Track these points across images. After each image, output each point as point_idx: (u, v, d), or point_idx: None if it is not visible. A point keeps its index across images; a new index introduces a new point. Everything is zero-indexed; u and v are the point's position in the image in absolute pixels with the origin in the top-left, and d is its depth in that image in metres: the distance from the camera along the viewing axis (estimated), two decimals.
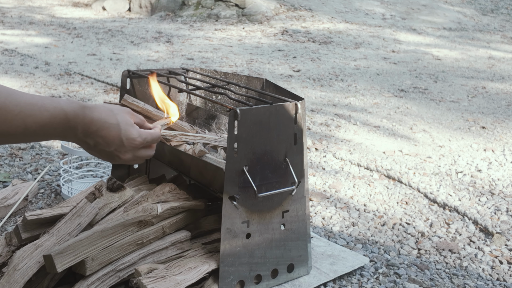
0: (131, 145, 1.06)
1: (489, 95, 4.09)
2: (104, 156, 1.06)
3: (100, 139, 1.01)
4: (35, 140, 0.96)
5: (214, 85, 1.61)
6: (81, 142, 1.01)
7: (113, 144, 1.03)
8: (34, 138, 0.94)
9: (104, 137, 1.01)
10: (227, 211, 1.27)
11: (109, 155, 1.06)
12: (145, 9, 8.19)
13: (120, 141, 1.04)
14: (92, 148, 1.03)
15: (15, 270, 1.19)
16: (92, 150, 1.05)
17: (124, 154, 1.06)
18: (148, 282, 1.21)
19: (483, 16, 8.33)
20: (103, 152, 1.05)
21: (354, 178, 2.33)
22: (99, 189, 1.48)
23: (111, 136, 1.02)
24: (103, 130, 1.01)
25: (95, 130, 1.00)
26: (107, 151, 1.04)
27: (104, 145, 1.02)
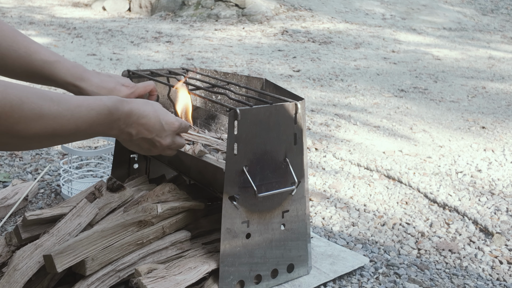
0: (171, 128, 1.15)
1: (489, 95, 4.09)
2: (145, 144, 1.12)
3: (141, 127, 1.08)
4: (83, 139, 1.02)
5: (214, 85, 1.61)
6: (124, 133, 1.07)
7: (154, 129, 1.10)
8: (83, 137, 1.00)
9: (144, 125, 1.08)
10: (227, 211, 1.27)
11: (149, 143, 1.12)
12: (145, 9, 8.19)
13: (160, 126, 1.11)
14: (135, 137, 1.09)
15: (15, 270, 1.19)
16: (133, 142, 1.10)
17: (164, 139, 1.14)
18: (148, 282, 1.21)
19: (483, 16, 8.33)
20: (144, 141, 1.11)
21: (354, 178, 2.33)
22: (99, 189, 1.48)
23: (151, 122, 1.09)
24: (143, 118, 1.08)
25: (135, 119, 1.06)
26: (148, 138, 1.10)
27: (145, 132, 1.09)
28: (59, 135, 0.92)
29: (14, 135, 0.84)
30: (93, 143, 2.60)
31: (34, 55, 1.24)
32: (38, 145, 0.93)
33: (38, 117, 0.86)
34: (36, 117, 0.86)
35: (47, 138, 0.91)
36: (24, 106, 0.83)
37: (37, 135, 0.87)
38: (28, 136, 0.86)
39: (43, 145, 0.94)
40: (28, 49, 1.23)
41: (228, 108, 1.25)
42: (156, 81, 1.62)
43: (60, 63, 1.28)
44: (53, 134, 0.90)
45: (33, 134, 0.86)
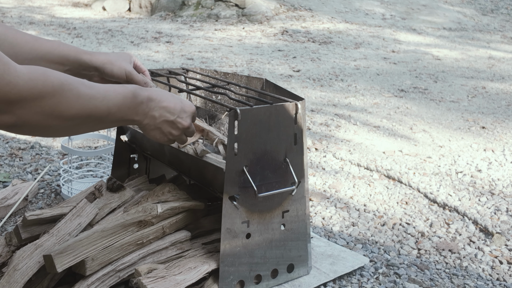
0: (190, 110, 1.21)
1: (489, 95, 4.09)
2: (166, 127, 1.17)
3: (163, 110, 1.15)
4: (113, 125, 1.09)
5: (214, 85, 1.61)
6: (148, 117, 1.12)
7: (175, 110, 1.17)
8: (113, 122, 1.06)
9: (166, 107, 1.15)
10: (227, 211, 1.27)
11: (171, 125, 1.18)
12: (145, 9, 8.19)
13: (180, 107, 1.18)
14: (158, 120, 1.14)
15: (15, 270, 1.19)
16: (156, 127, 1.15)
17: (185, 120, 1.20)
18: (148, 282, 1.21)
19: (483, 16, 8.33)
20: (166, 124, 1.16)
21: (354, 178, 2.33)
22: (99, 189, 1.48)
23: (172, 104, 1.16)
24: (163, 101, 1.15)
25: (157, 102, 1.13)
26: (170, 120, 1.17)
27: (167, 115, 1.16)
28: (94, 117, 0.98)
29: (57, 116, 0.91)
30: (93, 143, 2.60)
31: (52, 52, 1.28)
32: (76, 129, 0.99)
33: (76, 97, 0.93)
34: (74, 97, 0.93)
35: (84, 121, 0.97)
36: (64, 87, 0.91)
37: (76, 116, 0.94)
38: (68, 117, 0.93)
39: (81, 129, 1.01)
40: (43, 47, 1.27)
41: (228, 108, 1.25)
42: (156, 81, 1.62)
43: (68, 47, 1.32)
44: (89, 116, 0.97)
45: (72, 115, 0.93)
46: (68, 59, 1.27)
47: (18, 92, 0.84)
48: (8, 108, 0.85)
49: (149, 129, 1.16)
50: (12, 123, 0.87)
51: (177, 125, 1.19)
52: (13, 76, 0.83)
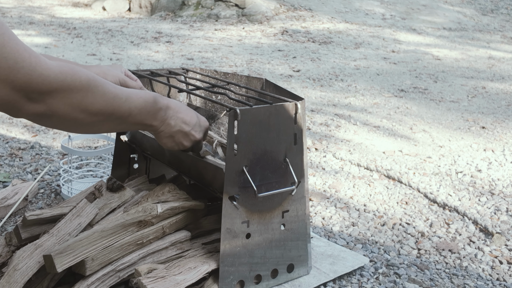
0: (204, 125, 1.28)
1: (489, 95, 4.09)
2: (179, 138, 1.23)
3: (179, 120, 1.21)
4: (134, 127, 1.13)
5: (214, 85, 1.61)
6: (165, 124, 1.18)
7: (191, 123, 1.23)
8: (133, 124, 1.11)
9: (182, 118, 1.21)
10: (227, 211, 1.27)
11: (184, 136, 1.24)
12: (145, 9, 8.19)
13: (196, 121, 1.25)
14: (173, 129, 1.20)
15: (15, 270, 1.19)
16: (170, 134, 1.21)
17: (198, 134, 1.26)
18: (148, 282, 1.21)
19: (483, 16, 8.33)
20: (180, 134, 1.22)
21: (354, 178, 2.33)
22: (99, 189, 1.48)
23: (189, 116, 1.23)
24: (180, 112, 1.21)
25: (174, 112, 1.19)
26: (185, 131, 1.23)
27: (183, 125, 1.22)
28: (116, 116, 1.03)
29: (83, 109, 0.96)
30: (93, 143, 2.60)
31: None
32: (100, 125, 1.03)
33: (102, 94, 0.99)
34: (100, 94, 0.98)
35: (108, 118, 1.02)
36: (90, 83, 0.97)
37: (100, 112, 0.99)
38: (93, 112, 0.98)
39: (104, 126, 1.05)
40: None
41: (228, 108, 1.25)
42: (156, 81, 1.62)
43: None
44: (112, 113, 1.02)
45: (97, 110, 0.99)
46: None
47: (49, 83, 0.90)
48: (40, 97, 0.90)
49: (163, 136, 1.21)
50: (42, 112, 0.92)
51: (190, 137, 1.25)
52: (44, 69, 0.89)
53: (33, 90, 0.89)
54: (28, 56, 0.87)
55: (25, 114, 0.92)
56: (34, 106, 0.91)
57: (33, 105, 0.91)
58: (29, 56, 0.87)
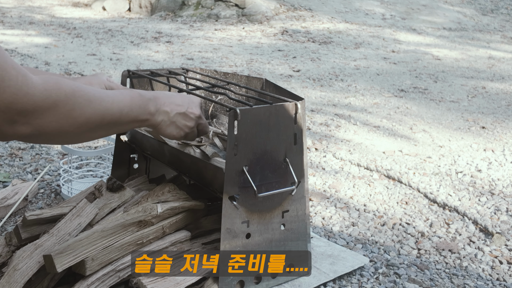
0: (197, 100, 1.27)
1: (489, 95, 4.09)
2: (181, 120, 1.22)
3: (173, 104, 1.19)
4: (130, 126, 1.11)
5: (214, 85, 1.61)
6: (161, 113, 1.17)
7: (184, 102, 1.22)
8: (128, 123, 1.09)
9: (175, 102, 1.20)
10: (227, 211, 1.27)
11: (185, 117, 1.22)
12: (145, 9, 8.19)
13: (188, 98, 1.24)
14: (171, 114, 1.19)
15: (15, 270, 1.19)
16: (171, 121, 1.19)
17: (196, 109, 1.25)
18: (148, 282, 1.21)
19: (483, 16, 8.33)
20: (180, 116, 1.21)
21: (354, 178, 2.33)
22: (99, 189, 1.48)
23: (179, 98, 1.22)
24: (170, 97, 1.20)
25: (164, 100, 1.18)
26: (182, 112, 1.21)
27: (178, 108, 1.20)
28: (107, 120, 1.01)
29: (72, 122, 0.94)
30: (93, 143, 2.60)
31: None
32: (92, 133, 1.02)
33: (88, 102, 0.96)
34: (86, 102, 0.96)
35: (99, 125, 1.00)
36: (75, 93, 0.94)
37: (89, 120, 0.97)
38: (82, 122, 0.96)
39: (96, 133, 1.03)
40: None
41: (228, 108, 1.25)
42: (156, 81, 1.62)
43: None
44: (102, 119, 1.00)
45: (86, 119, 0.96)
46: None
47: (34, 103, 0.87)
48: (24, 119, 0.87)
49: (165, 125, 1.19)
50: (29, 133, 0.89)
51: (190, 115, 1.23)
52: (30, 87, 0.86)
53: (18, 111, 0.85)
54: (15, 74, 0.83)
55: (10, 137, 0.88)
56: (19, 128, 0.87)
57: (19, 127, 0.87)
58: (16, 75, 0.83)
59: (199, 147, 1.41)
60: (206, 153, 1.36)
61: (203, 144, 1.43)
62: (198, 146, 1.42)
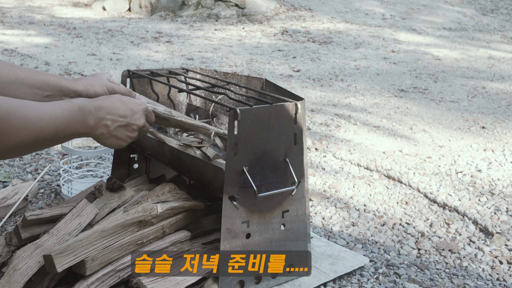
0: (140, 108, 1.21)
1: (489, 95, 4.09)
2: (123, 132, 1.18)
3: (115, 116, 1.15)
4: (63, 141, 1.07)
5: (214, 85, 1.61)
6: (100, 126, 1.13)
7: (126, 114, 1.17)
8: (63, 138, 1.05)
9: (116, 114, 1.15)
10: (227, 211, 1.27)
11: (127, 129, 1.18)
12: (145, 9, 8.19)
13: (131, 110, 1.19)
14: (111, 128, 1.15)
15: (15, 270, 1.19)
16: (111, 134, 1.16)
17: (139, 120, 1.21)
18: (148, 282, 1.21)
19: (483, 16, 8.33)
20: (122, 129, 1.17)
21: (354, 178, 2.33)
22: (99, 189, 1.48)
23: (122, 109, 1.17)
24: (112, 108, 1.15)
25: (106, 111, 1.13)
26: (124, 124, 1.17)
27: (120, 120, 1.16)
28: (41, 139, 0.97)
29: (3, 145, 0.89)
30: (93, 143, 2.60)
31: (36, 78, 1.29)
32: (22, 152, 0.97)
33: (23, 125, 0.91)
34: (21, 125, 0.91)
35: (31, 144, 0.95)
36: (10, 116, 0.89)
37: (23, 142, 0.92)
38: (15, 144, 0.91)
39: (27, 151, 0.98)
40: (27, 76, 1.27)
41: (228, 108, 1.25)
42: (156, 81, 1.62)
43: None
44: (36, 139, 0.95)
45: (18, 142, 0.91)
46: (48, 84, 1.26)
47: None
48: None
49: (104, 138, 1.15)
50: None
51: (132, 127, 1.20)
52: None
53: None
54: None
55: None
56: None
57: None
58: None
59: (200, 149, 1.41)
60: (208, 154, 1.36)
61: (204, 145, 1.43)
62: (199, 148, 1.42)
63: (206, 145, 1.42)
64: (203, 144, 1.43)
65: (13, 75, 1.22)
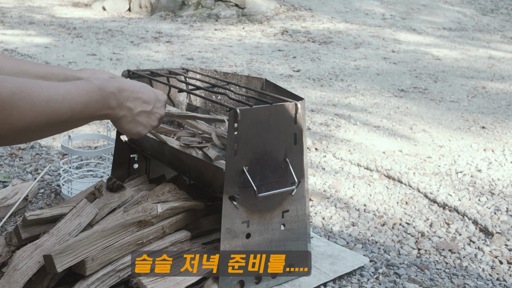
0: (163, 98, 1.17)
1: (489, 95, 4.09)
2: (144, 118, 1.12)
3: (138, 101, 1.09)
4: (83, 123, 1.00)
5: (214, 85, 1.61)
6: (124, 108, 1.06)
7: (151, 101, 1.12)
8: (82, 120, 0.98)
9: (141, 98, 1.10)
10: (227, 211, 1.27)
11: (148, 116, 1.12)
12: (145, 9, 8.19)
13: (155, 97, 1.14)
14: (135, 111, 1.09)
15: (15, 270, 1.19)
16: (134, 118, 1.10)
17: (161, 109, 1.16)
18: (148, 282, 1.21)
19: (483, 16, 8.33)
20: (144, 115, 1.11)
21: (354, 178, 2.33)
22: (99, 189, 1.48)
23: (146, 94, 1.11)
24: (137, 92, 1.09)
25: (129, 93, 1.07)
26: (147, 111, 1.11)
27: (144, 105, 1.10)
28: (55, 121, 0.91)
29: (10, 127, 0.84)
30: (93, 143, 2.60)
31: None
32: (36, 135, 0.92)
33: (30, 105, 0.85)
34: (28, 105, 0.85)
35: (44, 126, 0.89)
36: (14, 96, 0.83)
37: (32, 124, 0.86)
38: (24, 126, 0.85)
39: (42, 135, 0.93)
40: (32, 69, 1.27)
41: (228, 108, 1.25)
42: (156, 81, 1.62)
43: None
44: (49, 121, 0.89)
45: (28, 123, 0.86)
46: (52, 73, 1.27)
47: None
48: None
49: (125, 121, 1.09)
50: None
51: (155, 115, 1.15)
52: None
53: None
54: None
55: None
56: None
57: None
58: None
59: (201, 149, 1.41)
60: (209, 155, 1.36)
61: (205, 145, 1.43)
62: (200, 148, 1.42)
63: (207, 146, 1.42)
64: (203, 145, 1.43)
65: (17, 67, 1.22)
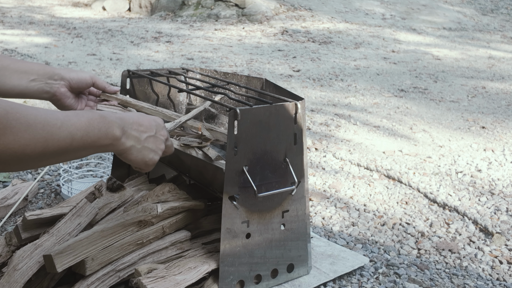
0: (161, 121, 1.13)
1: (489, 95, 4.09)
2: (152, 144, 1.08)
3: (143, 127, 1.05)
4: (88, 153, 0.95)
5: (214, 85, 1.61)
6: (131, 137, 1.02)
7: (152, 126, 1.08)
8: (85, 149, 0.93)
9: (144, 125, 1.06)
10: (227, 211, 1.27)
11: (156, 140, 1.09)
12: (145, 9, 8.19)
13: (156, 123, 1.10)
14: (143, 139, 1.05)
15: (15, 270, 1.19)
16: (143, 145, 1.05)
17: (163, 131, 1.12)
18: (148, 282, 1.21)
19: (483, 16, 8.33)
20: (150, 140, 1.07)
21: (354, 178, 2.33)
22: (99, 189, 1.48)
23: (146, 121, 1.07)
24: (138, 120, 1.05)
25: (131, 122, 1.03)
26: (152, 135, 1.08)
27: (148, 131, 1.06)
28: (54, 147, 0.86)
29: (4, 148, 0.78)
30: None
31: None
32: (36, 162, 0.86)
33: (25, 126, 0.80)
34: (23, 126, 0.80)
35: (42, 152, 0.84)
36: (9, 116, 0.78)
37: (28, 147, 0.81)
38: (19, 149, 0.80)
39: (42, 162, 0.88)
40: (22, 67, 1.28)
41: (228, 108, 1.25)
42: (156, 81, 1.62)
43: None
44: (46, 146, 0.84)
45: (23, 146, 0.81)
46: (33, 68, 1.27)
47: None
48: None
49: (136, 151, 1.04)
50: None
51: (161, 137, 1.11)
52: None
53: None
54: None
55: None
56: None
57: None
58: None
59: (201, 149, 1.41)
60: (209, 155, 1.36)
61: (205, 145, 1.43)
62: (200, 148, 1.42)
63: (207, 146, 1.42)
64: (203, 145, 1.43)
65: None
